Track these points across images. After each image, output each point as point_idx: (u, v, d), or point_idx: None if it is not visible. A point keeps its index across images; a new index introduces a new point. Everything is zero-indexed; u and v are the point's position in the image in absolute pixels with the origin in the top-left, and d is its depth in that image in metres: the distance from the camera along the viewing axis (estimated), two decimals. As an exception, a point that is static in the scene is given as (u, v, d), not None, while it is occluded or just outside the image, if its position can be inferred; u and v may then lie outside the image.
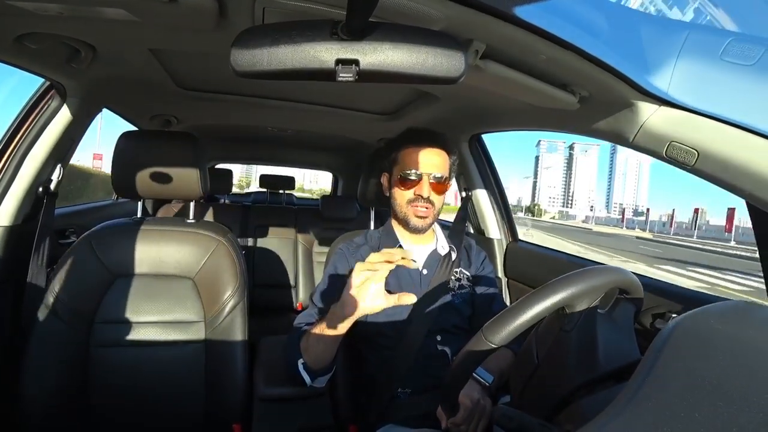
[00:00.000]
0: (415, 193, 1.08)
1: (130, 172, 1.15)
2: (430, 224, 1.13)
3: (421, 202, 1.08)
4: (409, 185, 1.09)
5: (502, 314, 0.60)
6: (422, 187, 1.07)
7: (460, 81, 0.58)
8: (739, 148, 0.73)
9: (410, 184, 1.08)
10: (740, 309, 0.51)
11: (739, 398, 0.35)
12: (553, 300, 0.59)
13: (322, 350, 0.92)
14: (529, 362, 0.68)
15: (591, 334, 0.64)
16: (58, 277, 1.05)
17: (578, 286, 0.60)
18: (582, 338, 0.63)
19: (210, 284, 1.14)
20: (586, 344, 0.63)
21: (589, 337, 0.63)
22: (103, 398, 1.06)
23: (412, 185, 1.08)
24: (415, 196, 1.08)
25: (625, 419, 0.36)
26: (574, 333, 0.64)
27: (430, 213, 1.10)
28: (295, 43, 0.53)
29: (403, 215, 1.12)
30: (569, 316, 0.64)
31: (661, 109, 0.82)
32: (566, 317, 0.64)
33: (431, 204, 1.09)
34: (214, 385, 1.11)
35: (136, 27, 0.89)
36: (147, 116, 1.94)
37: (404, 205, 1.10)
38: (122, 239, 1.13)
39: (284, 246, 2.60)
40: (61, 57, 1.05)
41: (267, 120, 2.16)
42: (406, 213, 1.11)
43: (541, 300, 0.59)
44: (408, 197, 1.09)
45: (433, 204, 1.09)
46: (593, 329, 0.64)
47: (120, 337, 1.08)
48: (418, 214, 1.09)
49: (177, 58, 1.26)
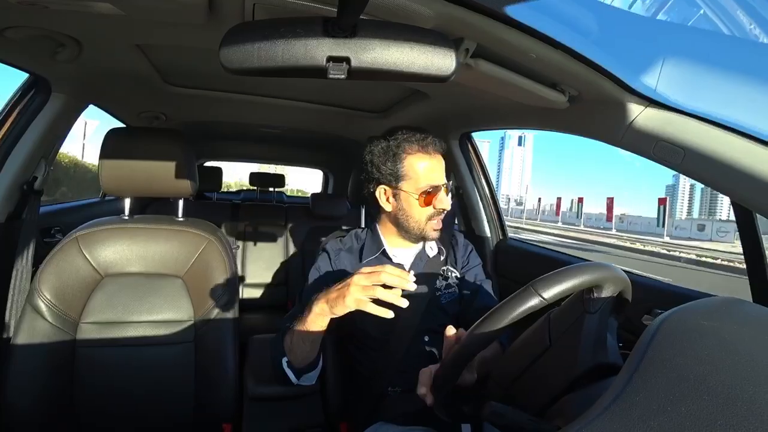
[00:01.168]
0: (435, 206, 1.03)
1: (118, 169, 1.13)
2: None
3: (441, 215, 1.05)
4: (429, 200, 1.03)
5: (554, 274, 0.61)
6: (442, 199, 1.03)
7: (450, 79, 0.58)
8: (724, 147, 0.74)
9: (430, 198, 1.03)
10: (725, 305, 0.52)
11: (723, 392, 0.35)
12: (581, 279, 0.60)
13: (306, 347, 0.90)
14: (540, 343, 0.68)
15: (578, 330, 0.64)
16: (43, 277, 1.03)
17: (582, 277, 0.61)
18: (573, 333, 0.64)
19: (200, 283, 1.13)
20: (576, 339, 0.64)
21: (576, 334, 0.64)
22: (90, 400, 1.04)
23: (432, 199, 1.03)
24: (436, 210, 1.04)
25: (614, 413, 0.37)
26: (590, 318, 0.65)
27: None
28: (285, 40, 0.53)
29: (419, 231, 1.07)
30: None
31: (649, 109, 0.84)
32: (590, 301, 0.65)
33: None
34: (204, 384, 1.10)
35: (122, 21, 0.87)
36: (135, 113, 1.91)
37: (423, 221, 1.05)
38: (110, 238, 1.11)
39: (274, 244, 2.59)
40: (46, 51, 1.03)
41: (256, 117, 2.14)
42: (424, 229, 1.06)
43: (585, 273, 0.60)
44: (428, 213, 1.04)
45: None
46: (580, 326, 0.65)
47: (107, 338, 1.07)
48: (436, 228, 1.06)
49: (165, 54, 1.24)
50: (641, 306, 1.03)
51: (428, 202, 1.02)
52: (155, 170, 1.16)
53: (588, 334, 0.63)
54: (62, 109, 1.24)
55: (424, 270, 1.12)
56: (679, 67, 0.77)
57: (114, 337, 1.07)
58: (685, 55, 0.75)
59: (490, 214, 1.84)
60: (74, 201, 2.16)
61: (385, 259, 1.11)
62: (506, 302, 0.60)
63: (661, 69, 0.77)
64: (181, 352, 1.10)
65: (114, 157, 1.13)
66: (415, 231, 1.06)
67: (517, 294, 0.60)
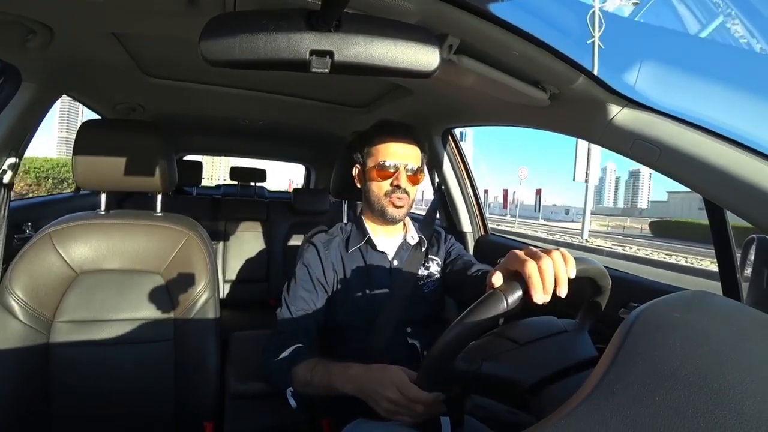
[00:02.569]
0: (392, 183, 1.09)
1: (93, 163, 1.10)
2: (405, 214, 1.14)
3: (398, 192, 1.09)
4: (386, 176, 1.10)
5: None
6: (399, 177, 1.09)
7: (433, 75, 0.58)
8: (698, 148, 0.77)
9: (387, 175, 1.09)
10: (697, 298, 0.53)
11: (694, 382, 0.37)
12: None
13: (321, 391, 0.92)
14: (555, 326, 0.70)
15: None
16: (14, 275, 0.99)
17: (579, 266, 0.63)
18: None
19: (179, 279, 1.11)
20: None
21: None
22: (66, 402, 1.01)
23: (389, 176, 1.09)
24: (393, 186, 1.09)
25: (592, 404, 0.38)
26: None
27: (405, 203, 1.11)
28: (268, 32, 0.52)
29: (379, 206, 1.12)
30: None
31: (628, 108, 0.86)
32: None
33: (407, 194, 1.11)
34: (185, 383, 1.08)
35: (97, 8, 0.85)
36: (111, 104, 1.85)
37: (381, 197, 1.11)
38: (85, 233, 1.08)
39: (255, 239, 2.56)
40: (16, 38, 0.98)
41: (237, 110, 2.11)
42: (383, 204, 1.11)
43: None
44: (385, 188, 1.10)
45: (408, 195, 1.11)
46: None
47: (83, 337, 1.03)
48: (396, 204, 1.10)
49: (143, 44, 1.21)
50: (617, 300, 1.06)
51: (383, 176, 1.10)
52: (132, 164, 1.12)
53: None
54: (33, 99, 1.19)
55: (407, 259, 1.15)
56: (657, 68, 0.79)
57: (90, 336, 1.04)
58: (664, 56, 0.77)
59: (472, 209, 1.86)
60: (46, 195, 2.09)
61: (370, 248, 1.14)
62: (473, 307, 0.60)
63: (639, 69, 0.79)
64: (161, 351, 1.08)
65: (89, 151, 1.10)
66: (376, 206, 1.13)
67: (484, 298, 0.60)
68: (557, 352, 0.65)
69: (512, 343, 0.66)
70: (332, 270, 1.11)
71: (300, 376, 0.94)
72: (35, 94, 1.19)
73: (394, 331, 1.06)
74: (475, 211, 1.86)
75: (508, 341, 0.66)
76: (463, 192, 1.85)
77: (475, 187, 1.88)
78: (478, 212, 1.86)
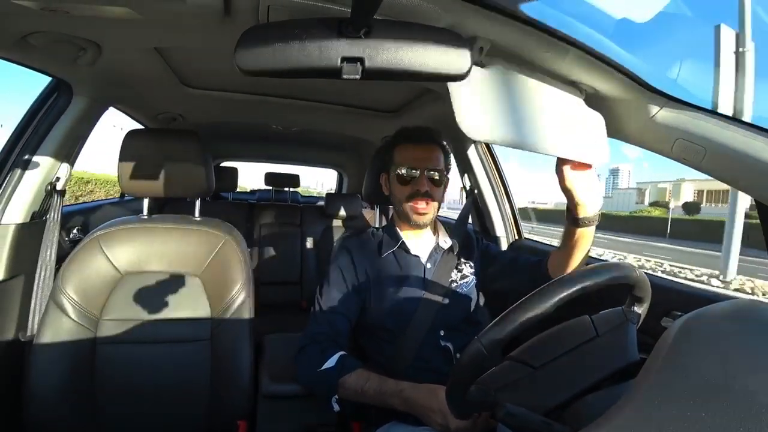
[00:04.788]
0: (413, 189, 1.10)
1: (136, 170, 1.16)
2: (431, 219, 1.14)
3: (420, 197, 1.09)
4: (407, 182, 1.10)
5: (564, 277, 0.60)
6: (420, 182, 1.09)
7: (465, 78, 0.58)
8: (745, 146, 0.72)
9: (408, 180, 1.10)
10: (746, 308, 0.50)
11: (745, 399, 0.34)
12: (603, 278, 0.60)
13: (370, 402, 0.95)
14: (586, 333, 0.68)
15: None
16: (66, 275, 1.06)
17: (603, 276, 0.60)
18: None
19: (216, 281, 1.15)
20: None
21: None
22: (109, 395, 1.07)
23: (410, 182, 1.10)
24: (414, 191, 1.10)
25: (631, 418, 0.36)
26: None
27: (430, 208, 1.11)
28: (300, 41, 0.53)
29: (404, 212, 1.13)
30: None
31: (668, 107, 0.82)
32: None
33: (430, 199, 1.10)
34: (220, 382, 1.12)
35: (141, 25, 0.89)
36: (153, 114, 1.95)
37: (404, 203, 1.12)
38: (129, 237, 1.14)
39: (289, 243, 2.61)
40: (67, 55, 1.05)
41: (272, 118, 2.16)
42: (406, 210, 1.12)
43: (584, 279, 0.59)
44: (407, 194, 1.11)
45: (433, 198, 1.11)
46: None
47: (126, 335, 1.09)
48: (419, 211, 1.11)
49: (182, 56, 1.26)
50: (659, 308, 1.01)
51: (403, 182, 1.11)
52: (173, 171, 1.18)
53: (628, 337, 0.65)
54: (84, 111, 1.27)
55: (440, 263, 1.15)
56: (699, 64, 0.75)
57: (132, 334, 1.09)
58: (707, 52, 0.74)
59: (505, 214, 1.82)
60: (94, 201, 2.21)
61: (403, 251, 1.14)
62: (526, 299, 0.59)
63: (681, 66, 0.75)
64: (198, 350, 1.12)
65: (133, 158, 1.16)
66: (401, 212, 1.15)
67: (538, 291, 0.58)
68: (574, 372, 0.62)
69: (527, 367, 0.65)
70: (365, 273, 1.11)
71: (349, 387, 0.95)
72: (85, 106, 1.27)
73: (427, 333, 1.06)
74: (508, 215, 1.82)
75: (522, 365, 0.65)
76: (496, 196, 1.81)
77: (508, 190, 1.84)
78: (511, 216, 1.82)
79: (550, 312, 0.56)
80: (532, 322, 0.56)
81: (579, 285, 0.57)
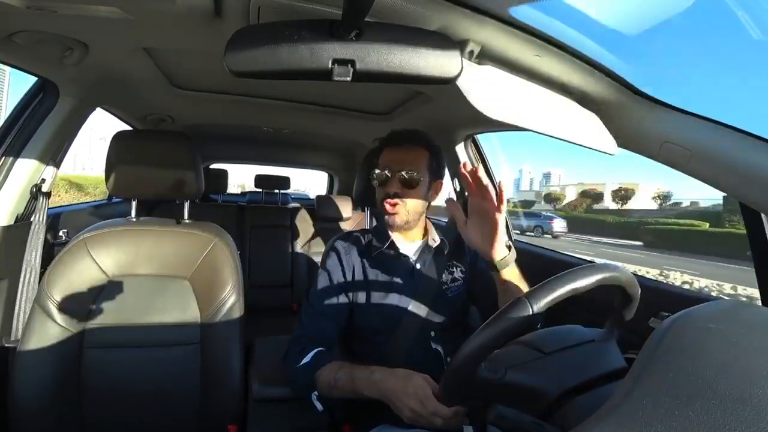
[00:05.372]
0: (385, 190, 1.11)
1: (124, 171, 1.14)
2: (403, 221, 1.12)
3: (390, 199, 1.10)
4: (381, 184, 1.12)
5: (546, 283, 0.62)
6: (391, 184, 1.10)
7: (455, 81, 0.58)
8: (731, 149, 0.73)
9: (382, 182, 1.12)
10: (732, 309, 0.51)
11: (731, 397, 0.35)
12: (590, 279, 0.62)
13: (346, 395, 0.93)
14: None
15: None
16: (51, 278, 1.04)
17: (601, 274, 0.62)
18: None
19: (206, 284, 1.13)
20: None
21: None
22: (96, 400, 1.05)
23: (383, 184, 1.12)
24: (386, 193, 1.11)
25: (620, 417, 0.36)
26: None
27: (399, 210, 1.11)
28: (291, 42, 0.53)
29: (383, 213, 1.14)
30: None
31: (655, 110, 0.83)
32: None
33: (401, 201, 1.10)
34: (209, 386, 1.10)
35: (130, 25, 0.88)
36: (142, 116, 1.92)
37: (381, 203, 1.13)
38: (117, 240, 1.12)
39: (279, 246, 2.59)
40: (54, 55, 1.04)
41: (262, 120, 2.15)
42: (383, 210, 1.13)
43: (580, 277, 0.61)
44: (381, 195, 1.13)
45: (403, 199, 1.10)
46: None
47: (114, 339, 1.07)
48: (388, 211, 1.11)
49: (172, 57, 1.25)
50: (648, 308, 1.02)
51: (380, 185, 1.13)
52: (162, 172, 1.16)
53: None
54: (70, 112, 1.25)
55: (429, 263, 1.15)
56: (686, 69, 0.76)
57: (120, 338, 1.07)
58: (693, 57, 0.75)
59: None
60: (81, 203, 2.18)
61: (392, 251, 1.14)
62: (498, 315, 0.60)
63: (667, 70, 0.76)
64: (187, 354, 1.11)
65: (121, 160, 1.14)
66: (382, 213, 1.15)
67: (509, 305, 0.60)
68: (584, 362, 0.63)
69: (537, 352, 0.64)
70: (353, 274, 1.11)
71: (324, 380, 0.95)
72: (72, 107, 1.25)
73: (417, 335, 1.06)
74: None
75: (534, 350, 0.65)
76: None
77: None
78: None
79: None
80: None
81: (570, 286, 0.59)
